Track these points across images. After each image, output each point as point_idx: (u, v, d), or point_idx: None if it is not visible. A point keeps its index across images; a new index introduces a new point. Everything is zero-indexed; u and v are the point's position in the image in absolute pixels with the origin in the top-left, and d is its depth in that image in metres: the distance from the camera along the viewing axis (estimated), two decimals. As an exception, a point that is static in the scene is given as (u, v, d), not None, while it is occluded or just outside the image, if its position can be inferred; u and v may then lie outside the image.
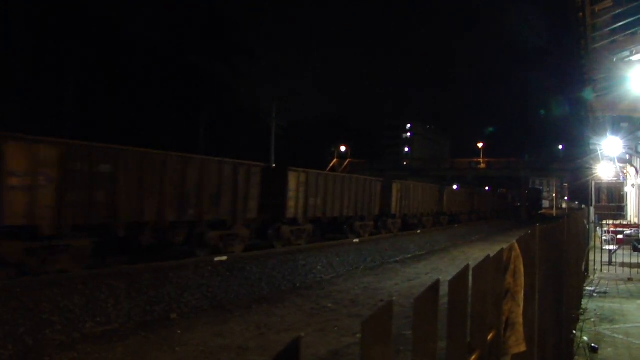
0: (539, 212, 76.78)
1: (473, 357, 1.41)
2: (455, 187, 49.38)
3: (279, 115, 43.21)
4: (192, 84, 44.25)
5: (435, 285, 1.10)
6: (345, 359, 7.66)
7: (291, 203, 18.21)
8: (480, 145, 74.76)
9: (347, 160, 66.68)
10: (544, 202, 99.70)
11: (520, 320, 2.01)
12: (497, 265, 1.81)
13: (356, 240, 21.52)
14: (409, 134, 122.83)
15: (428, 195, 32.63)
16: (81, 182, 11.18)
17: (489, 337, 1.62)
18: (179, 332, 9.03)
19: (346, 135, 73.88)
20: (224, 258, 14.12)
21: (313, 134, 71.01)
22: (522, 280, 2.07)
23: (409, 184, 30.20)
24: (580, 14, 11.21)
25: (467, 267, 1.41)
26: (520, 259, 2.09)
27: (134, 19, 40.02)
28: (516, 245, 2.11)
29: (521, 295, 2.07)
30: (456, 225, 36.89)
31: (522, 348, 2.00)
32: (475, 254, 22.48)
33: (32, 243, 10.43)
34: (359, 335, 6.47)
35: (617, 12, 10.90)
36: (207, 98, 45.13)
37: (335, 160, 65.67)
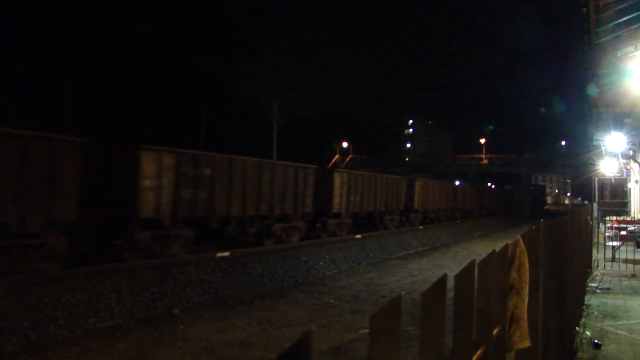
0: (543, 207, 77.09)
1: (478, 352, 1.40)
2: (457, 182, 49.56)
3: (280, 112, 43.22)
4: (192, 81, 44.20)
5: (442, 280, 1.09)
6: (347, 354, 7.66)
7: (336, 200, 20.69)
8: (482, 141, 74.63)
9: (349, 157, 66.65)
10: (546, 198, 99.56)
11: (525, 315, 2.00)
12: (502, 261, 1.80)
13: (358, 236, 21.51)
14: (410, 130, 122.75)
15: (444, 192, 35.19)
16: (189, 183, 13.80)
17: (494, 333, 1.61)
18: (182, 327, 9.05)
19: (348, 132, 73.84)
20: (227, 254, 14.12)
21: (315, 130, 70.96)
22: (527, 275, 2.06)
23: (428, 182, 32.73)
24: (584, 9, 11.15)
25: (472, 262, 1.40)
26: (525, 255, 2.08)
27: (134, 16, 39.88)
28: (521, 240, 2.10)
29: (526, 291, 2.06)
30: (473, 219, 40.54)
31: (527, 343, 1.99)
32: (477, 250, 22.47)
33: (157, 232, 13.01)
34: (361, 331, 6.49)
35: (621, 6, 10.83)
36: (207, 95, 45.08)
37: (337, 157, 65.66)
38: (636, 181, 25.83)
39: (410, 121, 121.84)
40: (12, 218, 9.87)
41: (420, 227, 28.87)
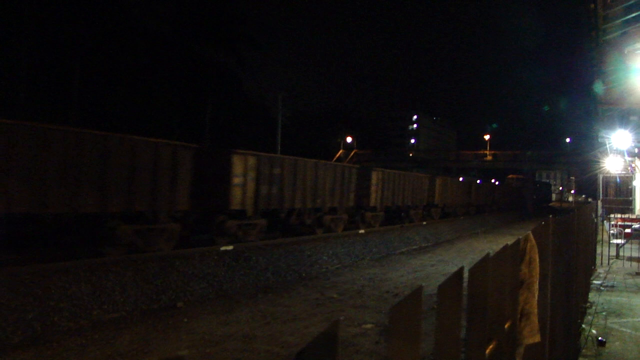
0: (549, 204, 77.64)
1: (491, 346, 1.40)
2: (461, 179, 49.56)
3: (285, 106, 43.17)
4: (197, 74, 44.16)
5: (459, 273, 1.08)
6: (351, 349, 7.67)
7: (373, 195, 23.08)
8: (487, 137, 74.44)
9: (353, 151, 66.59)
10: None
11: (535, 310, 2.00)
12: (513, 256, 1.79)
13: (362, 231, 21.51)
14: (415, 126, 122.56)
15: (460, 189, 37.69)
16: (266, 180, 16.41)
17: (506, 327, 1.60)
18: (185, 320, 9.07)
19: (352, 126, 73.75)
20: (230, 247, 14.15)
21: (319, 124, 70.87)
22: (537, 270, 2.05)
23: (447, 179, 35.17)
24: (592, 4, 11.09)
25: (487, 256, 1.39)
26: (536, 250, 2.07)
27: (141, 8, 39.80)
28: (531, 235, 2.09)
29: (536, 286, 2.05)
30: (485, 214, 41.76)
31: (537, 339, 1.98)
32: (480, 246, 22.45)
33: (241, 221, 15.69)
34: (364, 326, 6.50)
35: (629, 3, 10.77)
36: (213, 88, 45.07)
37: (341, 151, 65.61)
38: (641, 179, 25.76)
39: (415, 116, 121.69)
40: (148, 209, 12.79)
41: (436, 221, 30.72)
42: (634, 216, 23.04)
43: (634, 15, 11.42)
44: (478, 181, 51.09)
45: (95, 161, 11.39)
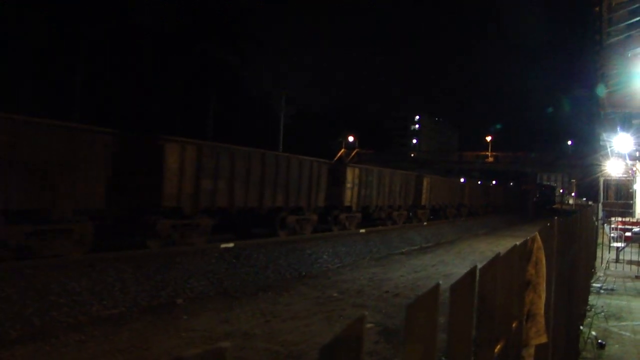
0: (552, 206, 78.46)
1: (498, 346, 1.39)
2: (462, 180, 49.68)
3: (287, 104, 43.16)
4: (200, 72, 44.17)
5: (472, 272, 1.07)
6: (350, 348, 7.65)
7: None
8: (488, 139, 74.40)
9: (355, 151, 66.54)
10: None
11: (541, 311, 1.99)
12: (521, 256, 1.78)
13: (362, 230, 21.52)
14: (417, 126, 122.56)
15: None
16: (364, 186, 23.40)
17: (513, 327, 1.60)
18: (185, 317, 9.06)
19: (354, 126, 73.71)
20: (231, 245, 14.14)
21: (321, 123, 70.84)
22: (543, 271, 2.04)
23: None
24: (597, 7, 11.07)
25: (497, 255, 1.38)
26: (542, 251, 2.06)
27: (143, 5, 39.79)
28: (538, 236, 2.08)
29: (542, 287, 2.04)
30: (485, 215, 41.75)
31: (543, 339, 1.98)
32: (481, 247, 22.44)
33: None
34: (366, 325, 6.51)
35: (634, 6, 10.74)
36: (215, 86, 45.07)
37: (343, 150, 65.56)
38: (642, 182, 25.73)
39: (417, 117, 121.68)
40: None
41: (425, 223, 29.13)
42: (634, 220, 23.01)
43: (638, 19, 11.40)
44: (479, 182, 51.33)
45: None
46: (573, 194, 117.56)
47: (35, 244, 10.67)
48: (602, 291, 11.63)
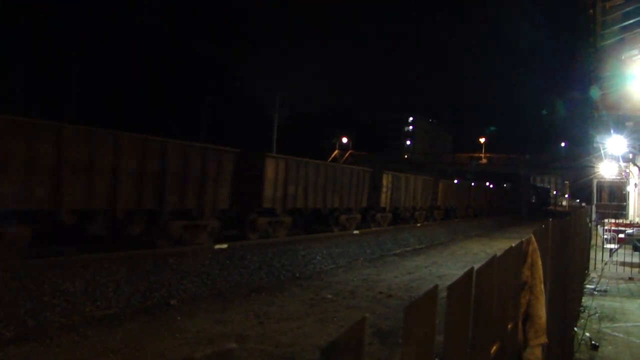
0: (547, 208, 79.64)
1: (494, 347, 1.39)
2: (455, 181, 50.00)
3: (282, 105, 43.15)
4: (194, 71, 44.10)
5: (469, 274, 1.07)
6: (344, 349, 7.64)
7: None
8: (482, 140, 74.60)
9: (349, 152, 66.61)
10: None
11: (539, 312, 1.99)
12: (516, 258, 1.79)
13: (356, 231, 21.54)
14: (411, 128, 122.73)
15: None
16: (393, 189, 25.18)
17: (509, 329, 1.60)
18: (179, 318, 9.03)
19: (348, 127, 73.75)
20: (224, 246, 14.12)
21: (315, 124, 70.83)
22: (539, 273, 2.04)
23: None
24: (591, 10, 11.13)
25: (494, 257, 1.39)
26: (538, 253, 2.07)
27: (137, 6, 39.69)
28: (533, 238, 2.09)
29: (539, 288, 2.05)
30: (482, 217, 42.88)
31: (543, 340, 1.98)
32: (474, 249, 22.49)
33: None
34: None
35: (627, 9, 10.81)
36: (209, 86, 45.00)
37: (336, 152, 65.60)
38: (635, 184, 25.85)
39: (411, 118, 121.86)
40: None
41: (418, 225, 29.42)
42: (627, 221, 23.13)
43: (631, 21, 11.47)
44: (472, 184, 51.81)
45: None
46: (566, 196, 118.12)
47: (186, 236, 13.79)
48: (595, 293, 11.67)
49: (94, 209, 11.92)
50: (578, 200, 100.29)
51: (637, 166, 23.75)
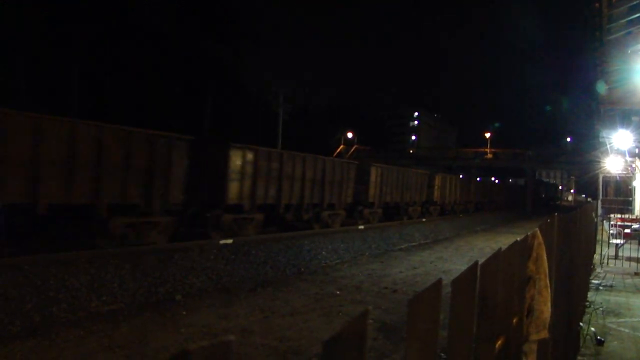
0: (556, 202, 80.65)
1: (498, 342, 1.38)
2: (460, 176, 50.11)
3: (286, 101, 43.10)
4: (197, 68, 44.08)
5: (474, 267, 1.06)
6: (349, 344, 7.65)
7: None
8: (487, 135, 74.37)
9: (354, 147, 66.53)
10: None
11: (542, 307, 1.98)
12: (521, 252, 1.78)
13: (361, 227, 21.53)
14: (416, 123, 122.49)
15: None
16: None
17: (514, 323, 1.59)
18: (184, 313, 9.06)
19: (353, 122, 73.62)
20: (230, 241, 14.14)
21: (319, 119, 70.77)
22: (544, 267, 2.03)
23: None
24: (597, 4, 11.06)
25: (499, 251, 1.38)
26: (543, 247, 2.06)
27: (140, 2, 39.63)
28: (538, 232, 2.08)
29: (543, 283, 2.04)
30: (485, 212, 42.36)
31: (544, 335, 1.97)
32: (479, 244, 22.46)
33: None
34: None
35: (634, 2, 10.74)
36: (213, 81, 44.98)
37: (341, 147, 65.54)
38: (641, 179, 25.74)
39: (416, 113, 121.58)
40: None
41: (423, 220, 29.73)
42: (633, 216, 23.04)
43: (638, 15, 11.40)
44: (478, 179, 52.06)
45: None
46: (572, 191, 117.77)
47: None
48: (601, 288, 11.64)
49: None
50: (584, 195, 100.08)
51: (644, 161, 23.64)
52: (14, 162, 10.31)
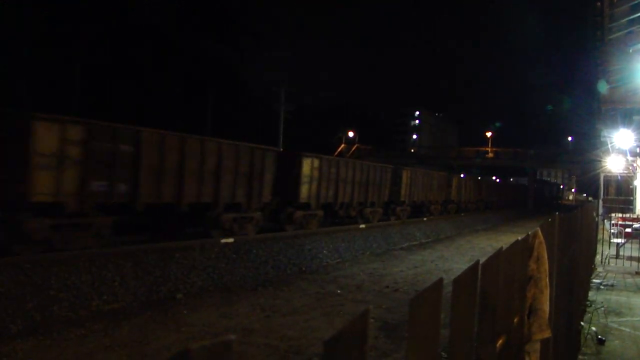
0: (558, 202, 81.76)
1: (499, 341, 1.38)
2: (462, 175, 50.43)
3: (287, 99, 43.07)
4: (199, 67, 44.12)
5: (475, 267, 1.06)
6: (350, 343, 7.64)
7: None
8: (488, 134, 74.30)
9: (355, 146, 66.50)
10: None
11: (544, 306, 1.98)
12: (523, 251, 1.78)
13: (363, 225, 21.53)
14: (417, 121, 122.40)
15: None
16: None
17: (515, 322, 1.59)
18: (185, 312, 9.07)
19: (354, 121, 73.61)
20: (231, 240, 14.14)
21: (321, 118, 70.76)
22: (545, 267, 2.03)
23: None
24: (598, 3, 11.05)
25: (500, 250, 1.37)
26: (544, 246, 2.06)
27: (142, 1, 39.65)
28: (539, 232, 2.08)
29: (544, 282, 2.04)
30: (488, 211, 43.77)
31: (547, 334, 1.97)
32: (481, 243, 22.45)
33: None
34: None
35: (636, 2, 10.71)
36: (214, 81, 44.99)
37: (343, 146, 65.51)
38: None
39: (417, 112, 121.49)
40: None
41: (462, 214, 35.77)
42: (634, 216, 23.01)
43: (639, 14, 11.37)
44: (478, 178, 52.61)
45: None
46: (573, 190, 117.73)
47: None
48: (602, 287, 11.63)
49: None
50: (585, 195, 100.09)
51: (645, 160, 23.61)
52: (168, 171, 12.90)
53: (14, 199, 10.55)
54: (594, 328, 7.65)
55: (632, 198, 30.29)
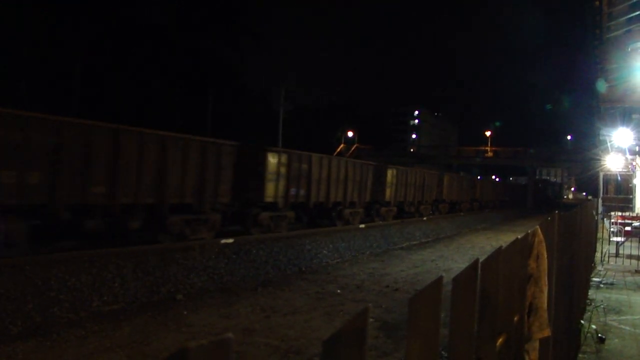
0: (560, 200, 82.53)
1: (500, 340, 1.38)
2: (461, 174, 50.55)
3: (287, 99, 43.09)
4: (199, 66, 44.10)
5: (475, 265, 1.06)
6: (350, 343, 7.64)
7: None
8: (488, 133, 74.33)
9: (354, 146, 66.55)
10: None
11: (544, 305, 1.99)
12: (522, 250, 1.78)
13: (362, 225, 21.53)
14: (416, 121, 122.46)
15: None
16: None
17: (515, 321, 1.59)
18: (185, 312, 9.06)
19: (353, 121, 73.63)
20: (230, 240, 14.14)
21: (320, 118, 70.76)
22: (545, 265, 2.04)
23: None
24: (597, 1, 11.05)
25: (499, 249, 1.38)
26: (543, 244, 2.06)
27: (142, 1, 39.64)
28: (539, 230, 2.08)
29: (544, 281, 2.04)
30: (487, 210, 43.49)
31: (546, 333, 1.97)
32: (481, 243, 22.45)
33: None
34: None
35: (634, 1, 10.73)
36: (214, 80, 44.99)
37: (342, 146, 65.55)
38: (642, 177, 25.72)
39: (416, 112, 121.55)
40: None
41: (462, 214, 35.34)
42: (634, 214, 23.01)
43: (638, 13, 11.39)
44: (479, 177, 52.60)
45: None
46: (573, 189, 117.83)
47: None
48: (601, 285, 11.64)
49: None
50: (584, 193, 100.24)
51: (644, 159, 23.62)
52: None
53: (255, 200, 16.47)
54: (594, 326, 7.66)
55: (631, 196, 30.31)
